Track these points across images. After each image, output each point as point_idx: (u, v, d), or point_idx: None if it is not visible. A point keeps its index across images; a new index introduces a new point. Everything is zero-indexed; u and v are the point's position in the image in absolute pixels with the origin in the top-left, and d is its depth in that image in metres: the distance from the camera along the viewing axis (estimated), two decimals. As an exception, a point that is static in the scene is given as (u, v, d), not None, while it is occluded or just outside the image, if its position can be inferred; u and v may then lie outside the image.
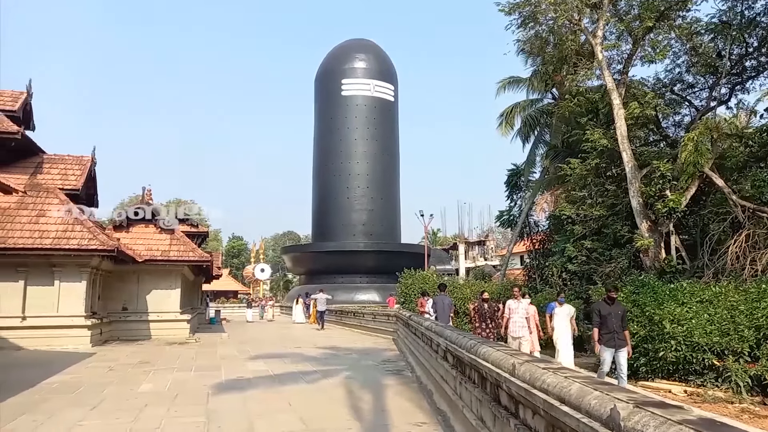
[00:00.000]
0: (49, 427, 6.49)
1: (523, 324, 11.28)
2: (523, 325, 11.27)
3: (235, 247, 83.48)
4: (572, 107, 17.74)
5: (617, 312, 8.94)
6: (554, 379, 3.06)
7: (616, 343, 8.86)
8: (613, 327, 8.84)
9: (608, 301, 9.09)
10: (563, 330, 11.07)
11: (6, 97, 18.64)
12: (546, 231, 23.62)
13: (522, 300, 11.68)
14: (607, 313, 8.90)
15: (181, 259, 19.39)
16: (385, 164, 48.96)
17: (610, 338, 8.87)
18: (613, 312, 8.90)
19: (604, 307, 9.01)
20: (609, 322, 8.86)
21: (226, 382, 9.91)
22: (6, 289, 15.21)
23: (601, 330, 8.95)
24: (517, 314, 11.33)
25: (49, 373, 10.50)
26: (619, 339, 8.88)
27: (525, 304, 11.60)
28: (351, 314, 26.26)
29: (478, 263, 52.62)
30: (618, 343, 8.87)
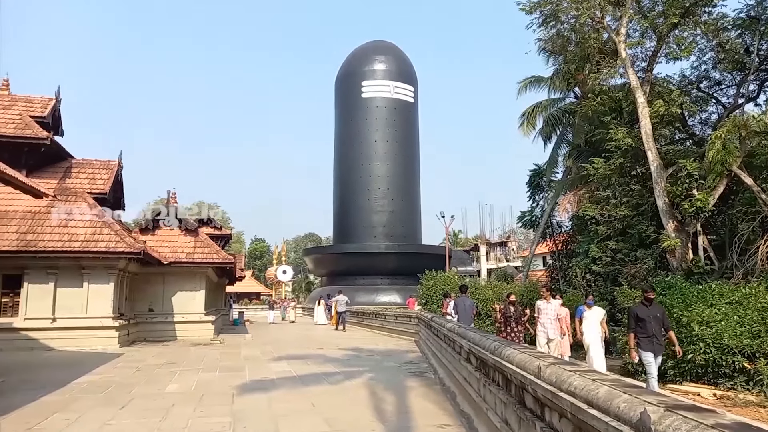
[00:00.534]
0: (79, 426, 6.65)
1: (552, 326, 10.88)
2: (552, 327, 10.87)
3: (257, 249, 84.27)
4: (595, 106, 17.51)
5: (656, 314, 8.44)
6: (581, 382, 3.03)
7: (654, 348, 8.34)
8: (653, 331, 8.31)
9: (645, 302, 8.60)
10: (594, 333, 10.61)
11: (36, 103, 19.17)
12: (569, 232, 23.34)
13: (552, 300, 11.27)
14: (645, 315, 8.39)
15: (206, 261, 19.67)
16: (405, 165, 48.97)
17: (649, 342, 8.35)
18: (651, 314, 8.40)
19: (641, 310, 8.51)
20: (647, 325, 8.33)
21: (250, 382, 10.02)
22: (37, 291, 15.62)
23: (640, 334, 8.43)
24: (546, 315, 10.95)
25: (78, 373, 10.74)
26: (658, 343, 8.36)
27: (555, 305, 11.16)
28: (372, 316, 26.29)
29: (500, 264, 52.19)
30: (656, 348, 8.35)
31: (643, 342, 8.39)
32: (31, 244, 15.31)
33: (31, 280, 15.64)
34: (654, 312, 8.46)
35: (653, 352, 8.33)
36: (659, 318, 8.43)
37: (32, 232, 15.72)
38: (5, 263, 15.35)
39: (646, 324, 8.35)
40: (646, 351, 8.33)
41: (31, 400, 8.09)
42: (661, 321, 8.44)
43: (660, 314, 8.52)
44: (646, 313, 8.42)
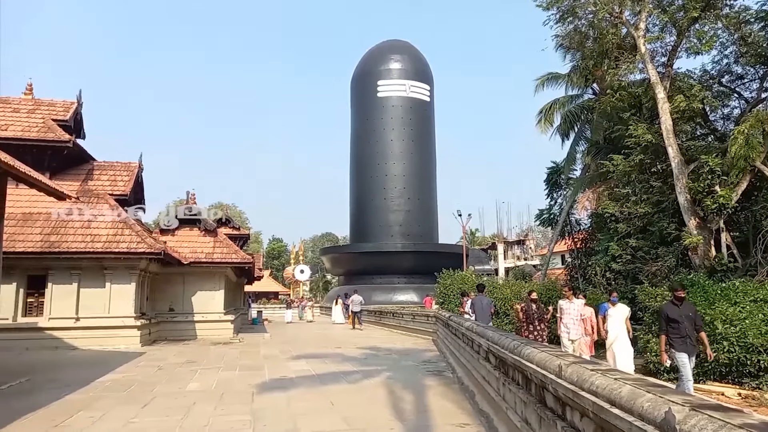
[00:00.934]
0: (103, 424, 6.76)
1: (575, 326, 10.56)
2: (575, 328, 10.55)
3: (275, 249, 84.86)
4: (614, 102, 17.30)
5: (688, 313, 8.03)
6: (603, 381, 3.00)
7: (688, 348, 7.94)
8: (686, 331, 7.91)
9: (676, 302, 8.15)
10: (619, 332, 10.21)
11: (58, 107, 19.54)
12: (588, 229, 23.12)
13: (574, 300, 10.93)
14: (677, 316, 7.97)
15: (224, 261, 19.87)
16: (421, 164, 48.89)
17: (682, 343, 7.94)
18: (683, 314, 7.98)
19: (672, 310, 8.08)
20: (680, 325, 7.93)
21: (269, 381, 10.10)
22: (61, 291, 15.94)
23: (672, 335, 8.00)
24: (569, 315, 10.61)
25: (102, 372, 10.94)
26: (691, 344, 7.96)
27: (578, 305, 10.82)
28: (390, 315, 26.32)
29: (518, 263, 51.85)
30: (690, 349, 7.95)
31: (677, 343, 7.98)
32: (54, 245, 15.62)
33: (55, 280, 15.96)
34: (686, 311, 8.05)
35: (687, 352, 7.95)
36: (691, 317, 8.04)
37: (56, 233, 16.04)
38: (30, 264, 15.68)
39: (679, 324, 7.95)
40: (681, 352, 7.94)
41: (56, 399, 8.26)
42: (693, 320, 8.05)
43: (692, 313, 8.12)
44: (677, 313, 8.02)
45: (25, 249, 15.28)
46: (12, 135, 17.40)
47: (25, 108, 19.08)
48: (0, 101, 19.34)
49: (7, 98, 19.62)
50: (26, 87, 20.09)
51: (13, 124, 18.10)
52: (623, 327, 10.24)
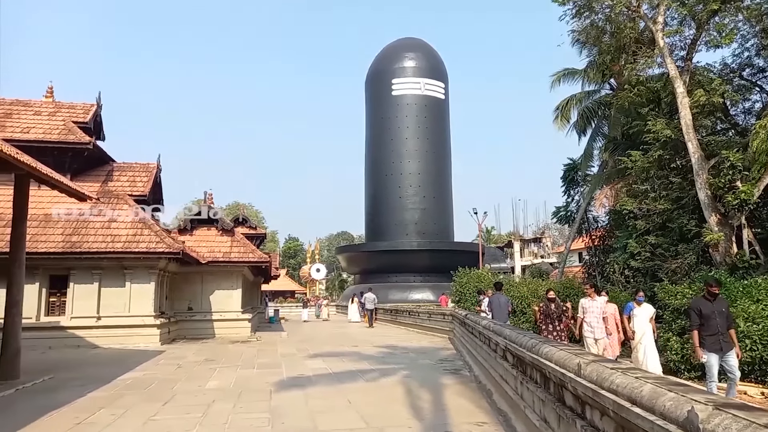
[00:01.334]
0: (125, 421, 6.87)
1: (599, 325, 10.32)
2: (599, 326, 10.32)
3: (291, 248, 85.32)
4: (632, 97, 17.06)
5: (721, 309, 7.70)
6: (624, 380, 2.97)
7: (722, 346, 7.61)
8: (718, 328, 7.60)
9: (709, 297, 7.82)
10: (645, 332, 9.94)
11: (78, 109, 19.86)
12: (606, 227, 22.89)
13: (597, 298, 10.69)
14: (709, 312, 7.65)
15: (242, 260, 20.03)
16: (436, 162, 48.80)
17: (714, 341, 7.62)
18: (716, 310, 7.66)
19: (705, 305, 7.74)
20: (712, 322, 7.62)
21: (287, 379, 10.17)
22: (82, 290, 16.22)
23: (702, 332, 7.70)
24: (592, 314, 10.38)
25: (123, 370, 11.11)
26: (724, 341, 7.64)
27: (601, 303, 10.58)
28: (406, 313, 26.32)
29: (535, 261, 51.49)
30: (724, 346, 7.63)
31: (708, 341, 7.67)
32: (76, 245, 15.90)
33: (77, 280, 16.24)
34: (719, 307, 7.75)
35: (719, 351, 7.65)
36: (724, 314, 7.74)
37: (77, 233, 16.32)
38: (52, 264, 15.98)
39: (710, 321, 7.65)
40: (710, 352, 7.66)
41: (79, 396, 8.41)
42: (726, 317, 7.76)
43: (725, 309, 7.83)
44: (710, 309, 7.68)
45: (48, 249, 15.57)
46: (34, 137, 17.75)
47: (47, 110, 19.43)
48: (22, 104, 19.73)
49: (29, 101, 20.00)
50: (47, 90, 20.45)
51: (34, 127, 18.45)
52: (649, 327, 10.00)
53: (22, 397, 8.56)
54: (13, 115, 19.05)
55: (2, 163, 9.67)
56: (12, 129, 18.11)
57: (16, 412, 7.40)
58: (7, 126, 18.26)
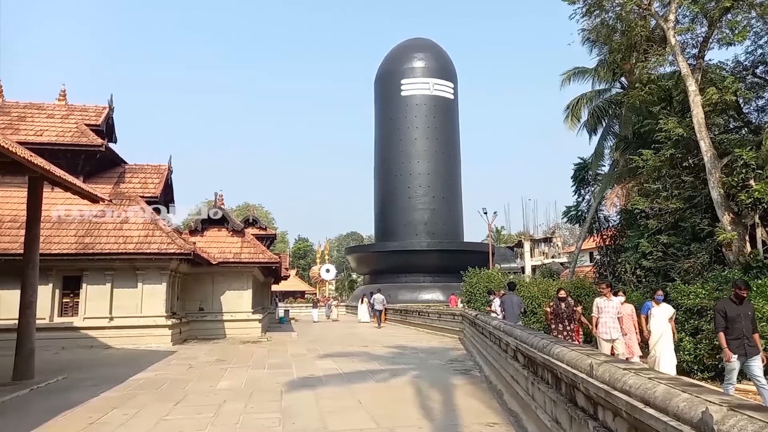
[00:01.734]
0: (138, 421, 6.93)
1: (615, 325, 10.08)
2: (614, 327, 10.06)
3: (301, 249, 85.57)
4: (643, 96, 16.92)
5: (747, 312, 7.52)
6: (637, 380, 2.95)
7: (746, 350, 7.42)
8: (743, 331, 7.42)
9: (735, 299, 7.62)
10: (663, 333, 9.67)
11: (90, 112, 20.07)
12: (617, 226, 22.72)
13: (613, 298, 10.36)
14: (735, 314, 7.45)
15: (252, 261, 20.13)
16: (446, 162, 48.73)
17: (738, 345, 7.43)
18: (742, 313, 7.46)
19: (731, 308, 7.54)
20: (737, 325, 7.42)
21: (297, 379, 10.20)
22: (95, 291, 16.37)
23: (727, 335, 7.51)
24: (607, 314, 10.11)
25: (135, 371, 11.21)
26: (749, 345, 7.44)
27: (616, 303, 10.29)
28: (416, 313, 26.30)
29: (545, 261, 51.23)
30: (749, 350, 7.44)
31: (732, 345, 7.47)
32: (89, 246, 16.05)
33: (90, 281, 16.40)
34: (745, 310, 7.56)
35: (743, 356, 7.45)
36: (750, 317, 7.58)
37: (90, 235, 16.48)
38: (66, 265, 16.15)
39: (735, 324, 7.45)
40: (735, 355, 7.48)
41: (93, 396, 8.49)
42: (751, 320, 7.60)
43: (751, 313, 7.66)
44: (736, 312, 7.47)
45: (61, 251, 15.74)
46: (47, 140, 17.95)
47: (60, 113, 19.65)
48: (35, 107, 19.96)
49: (42, 104, 20.23)
50: (60, 93, 20.68)
51: (48, 130, 18.66)
52: (667, 327, 9.72)
53: (36, 397, 8.66)
54: (26, 118, 19.28)
55: (16, 166, 9.80)
56: (26, 132, 18.32)
57: (31, 412, 7.49)
58: (21, 129, 18.48)
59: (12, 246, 15.19)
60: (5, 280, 15.57)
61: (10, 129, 18.12)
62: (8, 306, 15.09)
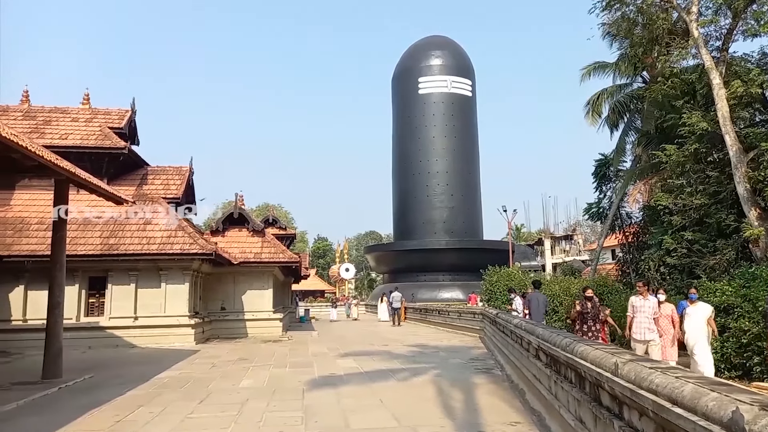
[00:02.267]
0: (164, 418, 7.05)
1: (650, 326, 9.49)
2: (649, 327, 9.48)
3: (320, 248, 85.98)
4: (666, 90, 16.65)
5: None
6: (664, 379, 2.91)
7: None
8: None
9: None
10: (699, 333, 9.19)
11: (114, 115, 20.43)
12: (640, 223, 22.39)
13: (649, 297, 9.73)
14: None
15: (272, 260, 20.30)
16: (464, 160, 48.52)
17: None
18: None
19: None
20: None
21: (319, 378, 10.26)
22: (120, 291, 16.68)
23: None
24: (642, 314, 9.52)
25: (160, 369, 11.39)
26: None
27: (653, 303, 9.65)
28: (435, 312, 26.26)
29: (566, 259, 50.68)
30: None
31: None
32: (113, 247, 16.36)
33: (115, 281, 16.71)
34: None
35: None
36: None
37: (114, 236, 16.79)
38: (91, 266, 16.47)
39: None
40: None
41: (119, 394, 8.66)
42: None
43: None
44: None
45: (86, 252, 16.06)
46: (72, 143, 18.32)
47: (83, 117, 20.04)
48: (60, 111, 20.39)
49: (67, 108, 20.66)
50: (84, 96, 21.08)
51: (72, 133, 19.05)
52: (704, 327, 9.26)
53: (65, 395, 8.86)
54: (52, 122, 19.71)
55: (43, 169, 10.03)
56: (51, 135, 18.73)
57: (60, 410, 7.66)
58: (46, 133, 18.90)
59: (39, 247, 15.57)
60: (33, 281, 15.97)
61: (37, 133, 18.53)
62: (36, 306, 15.48)
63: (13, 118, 19.41)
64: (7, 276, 16.12)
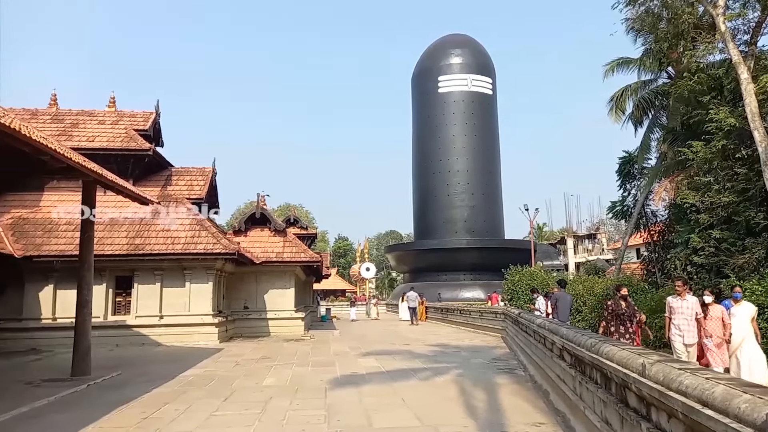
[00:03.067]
0: (189, 416, 7.15)
1: (690, 328, 8.78)
2: (690, 330, 8.76)
3: (341, 248, 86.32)
4: (692, 85, 16.30)
5: None
6: (693, 381, 2.86)
7: None
8: None
9: None
10: (747, 333, 8.65)
11: (138, 117, 20.81)
12: (665, 221, 22.00)
13: (687, 297, 9.00)
14: None
15: (294, 260, 20.45)
16: (485, 158, 48.22)
17: None
18: None
19: None
20: None
21: (341, 377, 10.31)
22: (145, 290, 16.98)
23: None
24: (681, 315, 8.84)
25: (184, 367, 11.56)
26: None
27: (692, 303, 8.92)
28: (457, 311, 26.16)
29: (590, 258, 50.02)
30: None
31: None
32: (139, 247, 16.67)
33: (140, 280, 17.02)
34: None
35: None
36: None
37: (140, 236, 17.10)
38: (118, 265, 16.80)
39: None
40: None
41: (145, 392, 8.82)
42: None
43: None
44: None
45: (113, 252, 16.39)
46: (98, 145, 18.72)
47: (110, 120, 20.46)
48: (87, 114, 20.85)
49: (93, 111, 21.11)
50: (109, 99, 21.53)
51: (99, 136, 19.47)
52: (750, 328, 8.76)
53: (93, 392, 9.06)
54: (79, 125, 20.16)
55: (72, 171, 10.25)
56: (78, 138, 19.16)
57: (89, 407, 7.83)
58: (74, 135, 19.34)
59: (68, 248, 15.93)
60: (62, 280, 16.35)
61: (64, 135, 18.98)
62: (65, 305, 15.85)
63: (42, 122, 19.92)
64: (37, 275, 16.54)
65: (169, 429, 6.49)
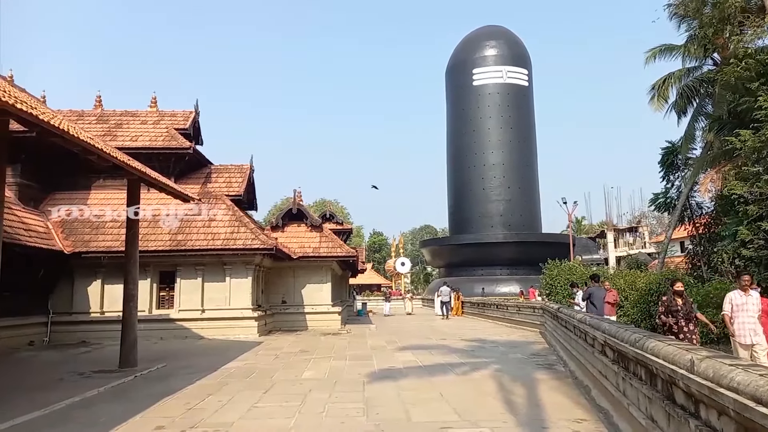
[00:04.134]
0: (231, 407, 7.33)
1: (756, 326, 8.10)
2: (754, 328, 8.10)
3: (376, 243, 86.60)
4: (739, 72, 15.64)
5: None
6: (746, 377, 2.76)
7: None
8: None
9: None
10: None
11: (179, 117, 21.34)
12: (712, 213, 21.24)
13: (751, 292, 8.29)
14: None
15: (330, 255, 20.65)
16: (521, 151, 47.49)
17: None
18: None
19: None
20: None
21: (378, 371, 10.36)
22: (188, 285, 17.44)
23: None
24: (745, 312, 8.15)
25: (226, 360, 11.85)
26: None
27: (756, 299, 8.28)
28: (494, 306, 25.93)
29: (631, 251, 48.71)
30: None
31: None
32: (181, 243, 17.13)
33: (183, 275, 17.49)
34: None
35: None
36: None
37: (182, 232, 17.56)
38: (161, 261, 17.31)
39: None
40: None
41: (189, 383, 9.08)
42: None
43: None
44: None
45: (157, 248, 16.89)
46: (141, 145, 19.30)
47: (151, 119, 21.06)
48: (130, 114, 21.51)
49: (136, 111, 21.77)
50: (151, 100, 22.13)
51: (141, 135, 20.07)
52: None
53: (140, 383, 9.38)
54: (123, 125, 20.83)
55: (117, 170, 10.61)
56: (122, 138, 19.79)
57: (137, 398, 8.11)
58: (118, 135, 19.99)
59: (114, 244, 16.51)
60: (109, 275, 16.95)
61: (109, 136, 19.63)
62: (112, 299, 16.43)
63: (88, 123, 20.65)
64: (85, 271, 17.19)
65: (213, 419, 6.66)
